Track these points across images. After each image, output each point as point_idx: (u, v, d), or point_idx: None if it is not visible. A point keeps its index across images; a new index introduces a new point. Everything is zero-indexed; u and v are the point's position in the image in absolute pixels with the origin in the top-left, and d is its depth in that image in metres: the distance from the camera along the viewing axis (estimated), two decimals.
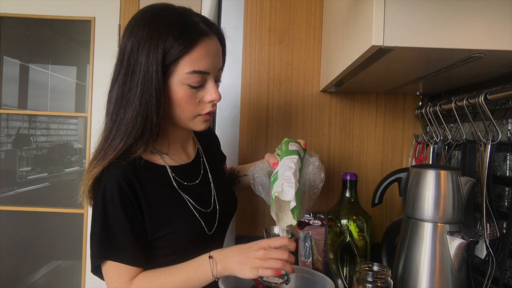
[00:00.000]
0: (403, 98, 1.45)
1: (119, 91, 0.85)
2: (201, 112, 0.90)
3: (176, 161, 0.96)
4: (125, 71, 0.84)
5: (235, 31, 1.43)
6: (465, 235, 0.92)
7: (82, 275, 2.01)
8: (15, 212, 2.23)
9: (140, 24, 0.84)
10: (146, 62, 0.82)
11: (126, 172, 0.84)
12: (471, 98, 0.98)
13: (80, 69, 2.35)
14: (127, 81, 0.84)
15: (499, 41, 0.74)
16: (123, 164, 0.84)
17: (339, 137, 1.45)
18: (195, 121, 0.91)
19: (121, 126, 0.84)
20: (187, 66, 0.83)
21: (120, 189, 0.82)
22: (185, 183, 0.94)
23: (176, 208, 0.91)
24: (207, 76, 0.87)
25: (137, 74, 0.82)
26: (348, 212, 1.15)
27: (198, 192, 0.96)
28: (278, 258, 0.79)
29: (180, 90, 0.85)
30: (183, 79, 0.84)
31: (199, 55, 0.84)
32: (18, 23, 2.18)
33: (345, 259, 1.13)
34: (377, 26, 0.73)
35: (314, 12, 1.43)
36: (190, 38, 0.82)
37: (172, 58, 0.82)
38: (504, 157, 1.00)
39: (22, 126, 2.50)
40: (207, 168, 1.03)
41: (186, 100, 0.86)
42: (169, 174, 0.92)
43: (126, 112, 0.83)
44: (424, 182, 0.97)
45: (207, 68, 0.86)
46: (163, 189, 0.90)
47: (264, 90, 1.44)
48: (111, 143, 0.84)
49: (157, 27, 0.82)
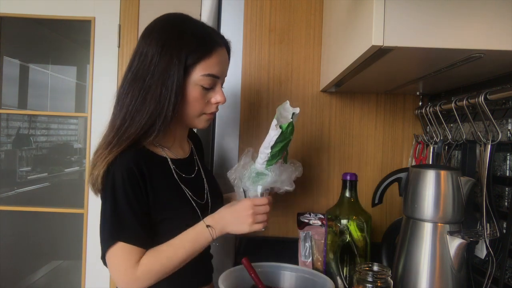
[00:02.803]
0: (403, 98, 1.45)
1: (138, 86, 0.93)
2: (206, 111, 1.02)
3: (174, 154, 1.05)
4: (146, 68, 0.93)
5: (235, 31, 1.43)
6: (465, 235, 0.92)
7: (82, 275, 2.01)
8: (15, 212, 2.23)
9: (165, 28, 0.96)
10: (169, 63, 0.92)
11: (136, 158, 0.92)
12: (471, 98, 0.98)
13: (80, 69, 2.35)
14: (147, 79, 0.92)
15: (499, 41, 0.74)
16: (133, 152, 0.92)
17: (339, 137, 1.45)
18: (200, 119, 1.02)
19: (136, 117, 0.92)
20: (203, 69, 0.95)
21: (130, 174, 0.89)
22: (184, 175, 1.03)
23: (177, 197, 0.99)
24: (217, 80, 1.00)
25: (160, 72, 0.92)
26: (348, 212, 1.15)
27: (194, 185, 1.05)
28: (264, 213, 0.99)
29: (194, 90, 0.97)
30: (198, 80, 0.96)
31: (214, 62, 0.97)
32: (18, 23, 2.17)
33: (345, 259, 1.13)
34: (377, 26, 0.73)
35: (314, 12, 1.43)
36: (210, 46, 0.96)
37: (192, 61, 0.94)
38: (504, 157, 1.00)
39: (22, 126, 2.50)
40: (199, 164, 1.13)
41: (197, 99, 0.98)
42: (170, 166, 1.01)
43: (144, 105, 0.92)
44: (424, 182, 0.97)
45: (218, 73, 0.99)
46: (166, 178, 0.99)
47: (264, 90, 1.44)
48: (126, 131, 0.91)
49: (182, 33, 0.95)
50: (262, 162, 1.04)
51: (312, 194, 1.44)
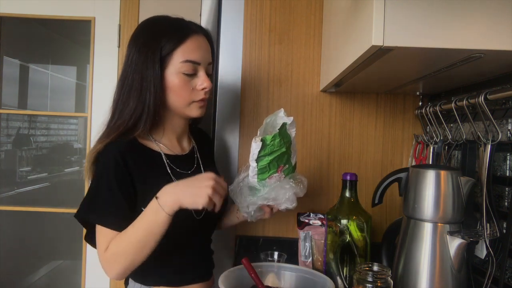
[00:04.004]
0: (403, 98, 1.45)
1: (125, 83, 1.01)
2: (195, 98, 1.03)
3: (171, 150, 1.07)
4: (128, 67, 1.01)
5: (235, 31, 1.43)
6: (465, 235, 0.92)
7: (82, 275, 2.01)
8: (15, 212, 2.23)
9: (141, 31, 1.04)
10: (146, 56, 0.98)
11: (122, 149, 0.96)
12: (471, 98, 0.98)
13: (80, 69, 2.35)
14: (129, 76, 1.00)
15: (499, 41, 0.74)
16: (121, 142, 0.97)
17: (339, 137, 1.45)
18: (191, 108, 1.04)
19: (124, 110, 0.99)
20: (181, 56, 0.99)
21: (115, 163, 0.94)
22: (178, 170, 1.04)
23: None
24: (198, 66, 1.02)
25: (139, 67, 0.99)
26: (348, 212, 1.15)
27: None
28: (224, 187, 0.93)
29: (176, 79, 1.00)
30: (178, 68, 0.99)
31: (191, 47, 1.00)
32: (18, 23, 2.17)
33: (345, 259, 1.13)
34: (377, 26, 0.73)
35: (314, 12, 1.43)
36: (183, 34, 1.00)
37: (168, 49, 0.98)
38: (504, 157, 1.00)
39: (22, 126, 2.50)
40: (200, 163, 1.13)
41: (181, 86, 1.01)
42: (163, 160, 1.03)
43: (129, 99, 0.99)
44: (424, 182, 0.97)
45: (198, 58, 1.01)
46: (156, 171, 1.01)
47: (264, 90, 1.44)
48: (115, 124, 0.99)
49: (155, 30, 1.02)
50: (252, 175, 1.00)
51: (312, 194, 1.44)
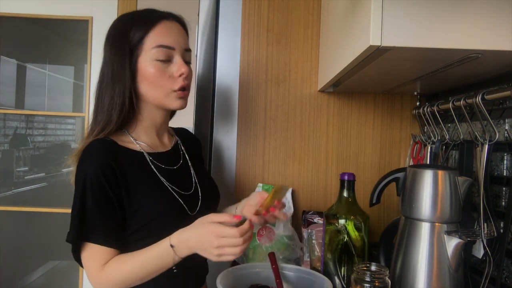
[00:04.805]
0: (400, 98, 1.45)
1: (99, 80, 1.00)
2: (173, 87, 0.98)
3: (152, 148, 1.03)
4: (103, 65, 0.99)
5: (233, 31, 1.43)
6: (462, 235, 0.92)
7: (79, 275, 2.01)
8: (12, 212, 2.23)
9: (112, 28, 1.02)
10: (116, 52, 0.96)
11: (105, 158, 0.91)
12: (468, 98, 0.99)
13: (77, 69, 2.34)
14: (105, 72, 0.98)
15: (496, 41, 0.75)
16: (103, 147, 0.93)
17: (337, 137, 1.45)
18: (170, 98, 0.99)
19: (104, 106, 0.96)
20: (151, 42, 0.95)
21: (99, 176, 0.89)
22: (163, 166, 1.01)
23: (153, 189, 0.96)
24: (173, 52, 0.97)
25: (110, 63, 0.97)
26: (346, 212, 1.15)
27: (177, 176, 1.02)
28: (234, 246, 0.83)
29: (151, 67, 0.95)
30: (151, 55, 0.95)
31: (161, 32, 0.96)
32: (16, 23, 2.17)
33: (343, 259, 1.13)
34: (375, 26, 0.73)
35: (312, 12, 1.43)
36: (152, 19, 0.97)
37: (138, 37, 0.95)
38: (501, 157, 1.01)
39: (19, 126, 2.50)
40: (187, 158, 1.10)
41: (157, 75, 0.96)
42: (146, 159, 0.99)
43: (105, 95, 0.97)
44: (421, 182, 0.97)
45: (170, 43, 0.97)
46: (141, 172, 0.97)
47: (262, 90, 1.44)
48: (96, 120, 0.97)
49: (123, 22, 1.00)
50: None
51: (309, 194, 1.44)
